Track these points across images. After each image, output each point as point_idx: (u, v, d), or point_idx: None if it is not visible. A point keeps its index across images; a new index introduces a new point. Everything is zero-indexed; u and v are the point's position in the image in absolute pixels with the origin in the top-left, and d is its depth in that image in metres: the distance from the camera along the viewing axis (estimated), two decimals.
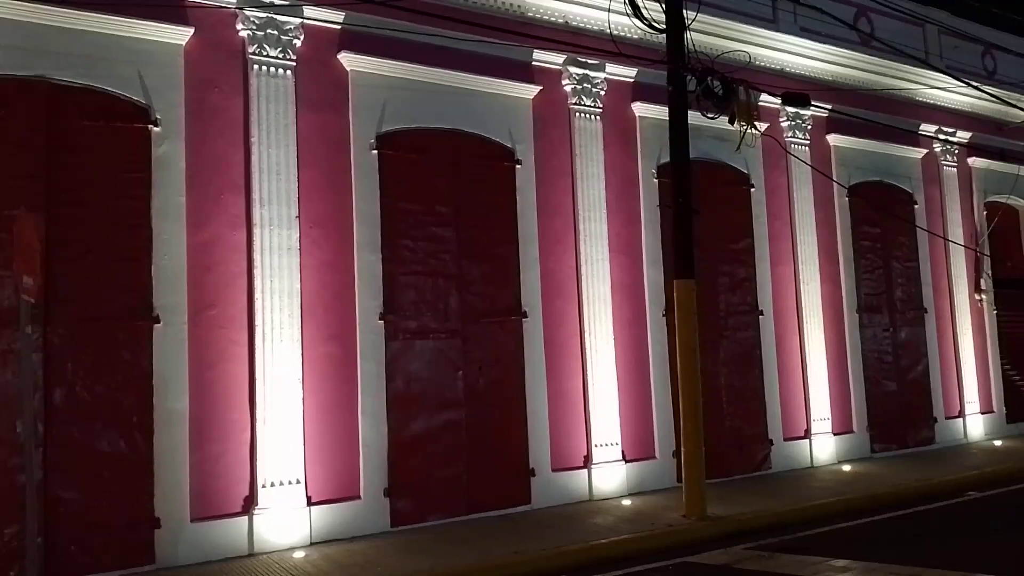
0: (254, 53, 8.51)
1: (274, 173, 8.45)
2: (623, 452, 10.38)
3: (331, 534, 8.34)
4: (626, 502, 9.80)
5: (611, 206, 10.76)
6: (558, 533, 8.27)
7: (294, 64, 8.71)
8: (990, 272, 15.15)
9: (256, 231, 8.32)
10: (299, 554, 7.82)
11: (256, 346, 8.17)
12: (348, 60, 9.07)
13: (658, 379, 10.82)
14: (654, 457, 10.66)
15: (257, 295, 8.23)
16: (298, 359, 8.33)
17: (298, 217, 8.54)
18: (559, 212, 10.41)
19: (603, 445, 10.21)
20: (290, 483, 8.14)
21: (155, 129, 8.01)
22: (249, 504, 8.02)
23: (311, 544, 8.16)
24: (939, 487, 10.33)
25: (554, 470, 9.87)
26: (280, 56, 8.63)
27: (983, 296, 14.96)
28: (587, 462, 10.11)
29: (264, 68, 8.55)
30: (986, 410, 14.69)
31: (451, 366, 9.35)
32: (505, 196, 9.99)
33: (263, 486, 8.03)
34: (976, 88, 13.49)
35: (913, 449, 13.28)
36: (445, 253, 9.46)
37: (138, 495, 7.57)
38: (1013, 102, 14.58)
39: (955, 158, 14.88)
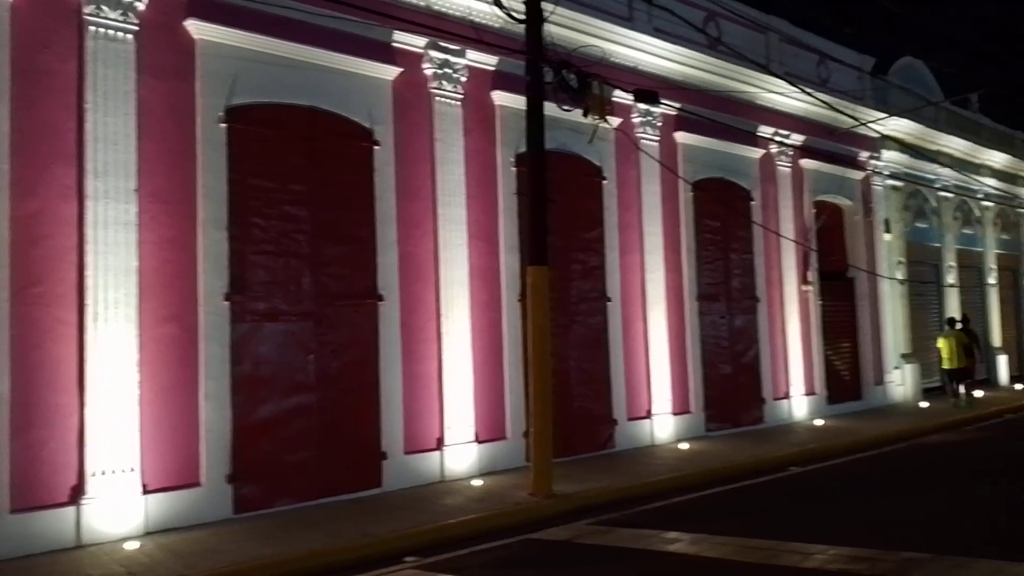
0: (90, 14, 7.96)
1: (111, 143, 7.95)
2: (476, 433, 10.55)
3: (169, 523, 8.02)
4: (477, 482, 9.99)
5: (471, 192, 10.87)
6: (408, 514, 8.34)
7: (136, 28, 8.21)
8: (816, 265, 16.46)
9: (89, 204, 7.81)
10: (132, 544, 7.46)
11: (87, 326, 7.69)
12: (196, 28, 8.65)
13: (512, 362, 11.06)
14: (505, 438, 10.91)
15: (89, 272, 7.74)
16: (134, 340, 7.92)
17: (137, 190, 8.09)
18: (418, 195, 10.40)
19: (456, 427, 10.35)
20: (123, 471, 7.74)
21: None
22: (77, 493, 7.57)
23: (146, 534, 7.80)
24: (766, 463, 11.17)
25: (407, 452, 9.91)
26: (120, 19, 8.11)
27: (810, 287, 16.24)
28: (440, 444, 10.22)
29: (102, 31, 8.01)
30: (809, 392, 15.99)
31: (302, 349, 9.17)
32: (363, 177, 9.87)
33: (93, 474, 7.60)
34: (810, 95, 14.55)
35: (744, 428, 14.28)
36: (298, 233, 9.24)
37: None
38: (842, 109, 15.84)
39: (789, 159, 16.03)
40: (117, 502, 7.70)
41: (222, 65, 8.80)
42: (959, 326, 18.35)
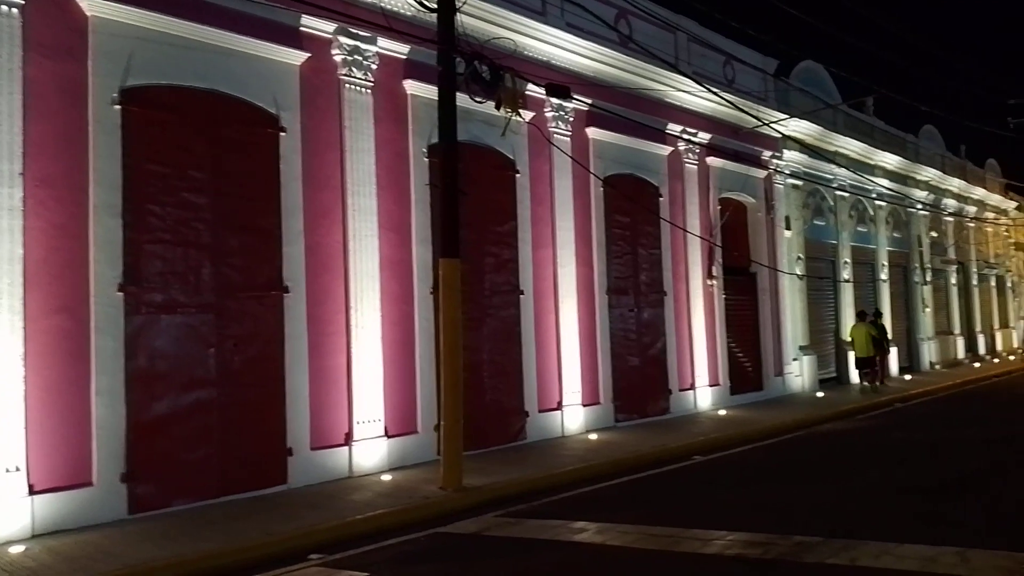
0: None
1: None
2: (386, 428, 10.43)
3: (59, 525, 7.62)
4: (386, 477, 9.87)
5: (381, 182, 10.70)
6: (314, 511, 8.17)
7: (22, 2, 7.74)
8: (721, 260, 16.97)
9: None
10: (17, 548, 7.05)
11: None
12: (88, 4, 8.20)
13: (423, 355, 10.97)
14: (416, 432, 10.83)
15: None
16: (19, 333, 7.48)
17: (22, 174, 7.63)
18: (327, 185, 10.17)
19: (365, 422, 10.20)
20: (7, 471, 7.32)
21: None
22: None
23: (33, 537, 7.40)
24: (671, 453, 11.46)
25: (313, 448, 9.70)
26: None
27: (714, 282, 16.73)
28: (348, 439, 10.04)
29: None
30: (713, 383, 16.49)
31: (202, 342, 8.85)
32: (268, 164, 9.58)
33: None
34: (716, 94, 14.95)
35: (651, 418, 14.62)
36: (198, 222, 8.90)
37: None
38: (747, 109, 16.35)
39: (696, 157, 16.45)
40: (1, 503, 7.26)
41: (117, 44, 8.37)
42: (869, 319, 19.79)
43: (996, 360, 29.96)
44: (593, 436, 12.85)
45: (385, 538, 7.40)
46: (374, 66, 10.65)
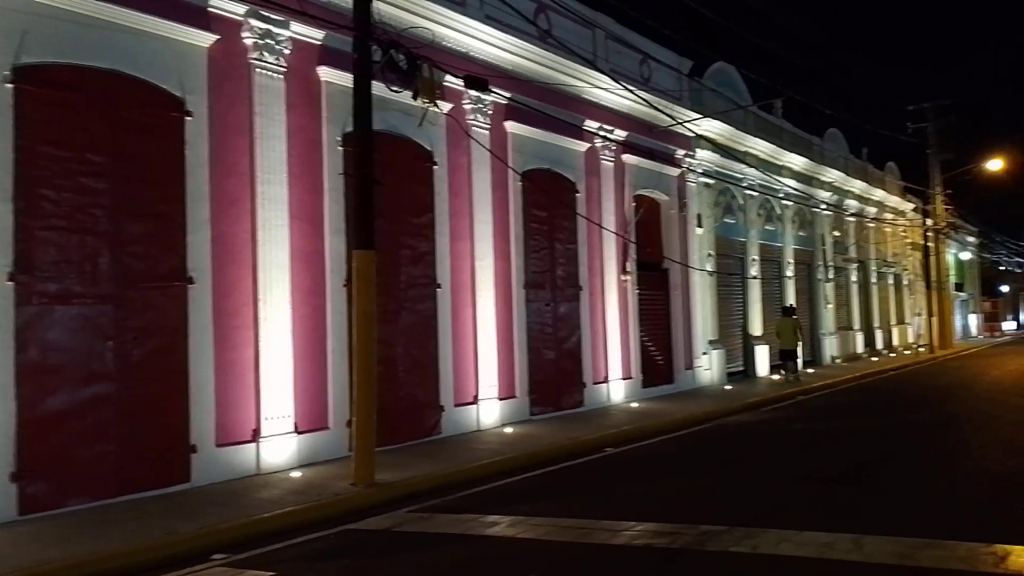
0: None
1: None
2: (295, 424, 10.18)
3: None
4: (296, 474, 9.65)
5: (293, 170, 10.42)
6: (219, 510, 7.90)
7: None
8: (635, 256, 17.27)
9: None
10: None
11: None
12: None
13: (336, 349, 10.76)
14: (328, 427, 10.62)
15: None
16: None
17: None
18: (235, 172, 9.84)
19: (274, 417, 9.93)
20: None
21: None
22: None
23: None
24: (585, 445, 11.59)
25: (219, 445, 9.39)
26: None
27: (628, 277, 17.03)
28: (256, 435, 9.76)
29: None
30: (626, 376, 16.79)
31: (100, 335, 8.43)
32: (172, 149, 9.19)
33: None
34: (633, 92, 15.17)
35: (566, 411, 14.78)
36: (96, 208, 8.47)
37: None
38: (662, 108, 16.65)
39: (613, 153, 16.68)
40: None
41: (9, 19, 7.87)
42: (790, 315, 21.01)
43: (893, 355, 31.57)
44: (509, 429, 12.89)
45: (293, 536, 7.23)
46: (287, 51, 10.36)
